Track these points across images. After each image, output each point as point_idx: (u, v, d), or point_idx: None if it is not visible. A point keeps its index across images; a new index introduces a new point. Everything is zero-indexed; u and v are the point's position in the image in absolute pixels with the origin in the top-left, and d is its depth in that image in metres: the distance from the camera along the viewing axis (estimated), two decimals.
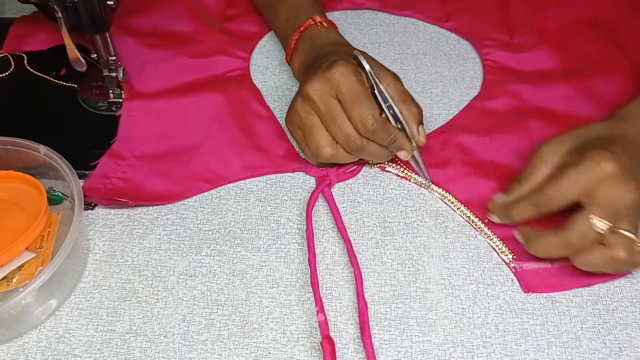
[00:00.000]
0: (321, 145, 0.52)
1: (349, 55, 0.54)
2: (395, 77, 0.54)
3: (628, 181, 0.46)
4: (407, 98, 0.54)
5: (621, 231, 0.45)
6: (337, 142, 0.53)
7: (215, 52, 0.66)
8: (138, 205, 0.54)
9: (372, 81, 0.52)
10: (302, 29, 0.60)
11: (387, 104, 0.52)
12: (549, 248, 0.48)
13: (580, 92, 0.63)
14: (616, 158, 0.46)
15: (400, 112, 0.52)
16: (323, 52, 0.57)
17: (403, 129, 0.53)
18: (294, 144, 0.59)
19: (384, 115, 0.52)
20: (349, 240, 0.51)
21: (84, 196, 0.49)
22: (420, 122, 0.54)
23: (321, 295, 0.48)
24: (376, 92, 0.52)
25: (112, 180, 0.55)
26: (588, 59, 0.66)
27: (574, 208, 0.47)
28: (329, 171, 0.56)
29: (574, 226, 0.46)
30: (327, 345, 0.44)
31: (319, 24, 0.60)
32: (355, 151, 0.52)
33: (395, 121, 0.53)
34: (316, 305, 0.47)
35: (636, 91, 0.59)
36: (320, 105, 0.52)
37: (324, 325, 0.46)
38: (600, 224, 0.45)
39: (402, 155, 0.54)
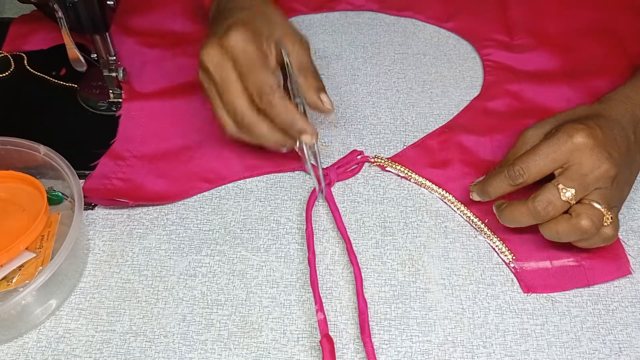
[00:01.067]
0: (223, 123, 0.50)
1: (246, 14, 0.50)
2: (303, 46, 0.51)
3: (599, 153, 0.46)
4: (307, 70, 0.51)
5: (591, 202, 0.46)
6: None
7: None
8: (138, 206, 0.54)
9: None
10: None
11: (298, 99, 0.50)
12: (517, 217, 0.48)
13: (580, 93, 0.63)
14: (588, 131, 0.47)
15: (297, 84, 0.49)
16: (230, 5, 0.53)
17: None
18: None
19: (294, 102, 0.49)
20: (349, 240, 0.51)
21: (84, 196, 0.49)
22: (322, 90, 0.52)
23: (321, 294, 0.48)
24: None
25: (112, 181, 0.55)
26: (588, 59, 0.66)
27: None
28: (329, 170, 0.56)
29: (542, 194, 0.47)
30: (327, 344, 0.44)
31: None
32: (245, 127, 0.49)
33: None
34: (316, 304, 0.47)
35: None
36: (215, 74, 0.49)
37: (323, 324, 0.46)
38: (568, 193, 0.46)
39: (307, 138, 0.51)
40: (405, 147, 0.59)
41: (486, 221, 0.53)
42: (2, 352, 0.46)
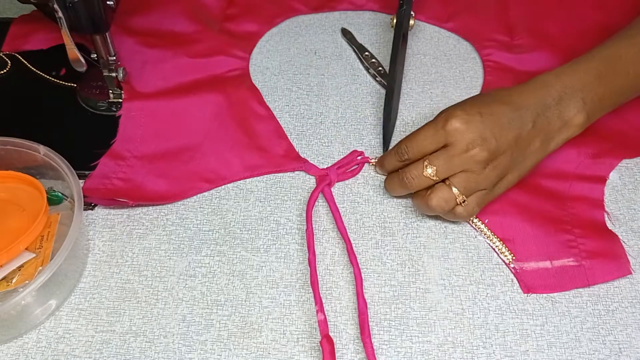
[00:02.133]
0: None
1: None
2: None
3: (471, 138, 0.48)
4: None
5: (449, 185, 0.50)
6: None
7: (215, 52, 0.66)
8: (138, 205, 0.54)
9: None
10: None
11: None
12: (392, 185, 0.54)
13: None
14: (464, 117, 0.49)
15: None
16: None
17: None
18: (294, 144, 0.59)
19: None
20: (349, 240, 0.51)
21: (84, 197, 0.49)
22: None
23: (321, 295, 0.48)
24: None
25: (112, 181, 0.55)
26: None
27: None
28: (329, 170, 0.56)
29: (410, 168, 0.51)
30: (327, 344, 0.44)
31: None
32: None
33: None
34: (316, 304, 0.47)
35: None
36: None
37: (323, 325, 0.46)
38: (429, 170, 0.50)
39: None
40: None
41: (486, 221, 0.53)
42: (2, 352, 0.46)
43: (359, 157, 0.58)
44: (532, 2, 0.71)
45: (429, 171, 0.50)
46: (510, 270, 0.50)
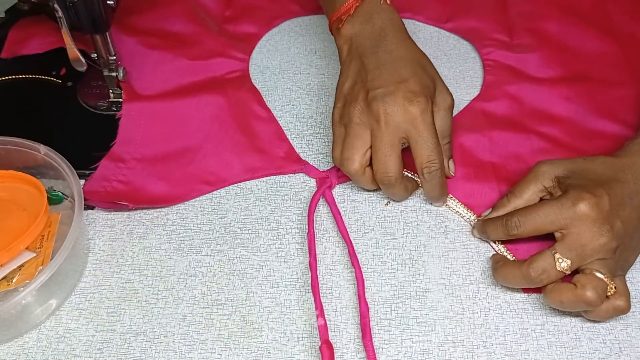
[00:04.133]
0: (352, 159, 0.51)
1: (421, 74, 0.52)
2: (448, 107, 0.53)
3: (601, 225, 0.45)
4: (446, 137, 0.54)
5: (593, 272, 0.45)
6: (369, 166, 0.52)
7: (215, 53, 0.66)
8: (138, 208, 0.54)
9: None
10: None
11: None
12: (509, 278, 0.48)
13: (579, 94, 0.63)
14: (594, 200, 0.45)
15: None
16: (388, 45, 0.53)
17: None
18: (294, 144, 0.59)
19: None
20: (351, 243, 0.51)
21: (84, 199, 0.49)
22: (451, 156, 0.55)
23: (322, 295, 0.48)
24: None
25: (112, 183, 0.55)
26: (588, 59, 0.66)
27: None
28: (330, 173, 0.56)
29: (537, 261, 0.46)
30: (326, 350, 0.44)
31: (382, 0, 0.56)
32: (385, 185, 0.51)
33: None
34: (316, 309, 0.47)
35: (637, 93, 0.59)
36: (384, 129, 0.50)
37: (323, 330, 0.46)
38: (564, 264, 0.45)
39: (438, 205, 0.55)
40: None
41: None
42: (2, 352, 0.46)
43: None
44: (532, 1, 0.72)
45: (563, 265, 0.45)
46: None
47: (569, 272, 0.46)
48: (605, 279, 0.45)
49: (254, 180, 0.57)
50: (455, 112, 0.62)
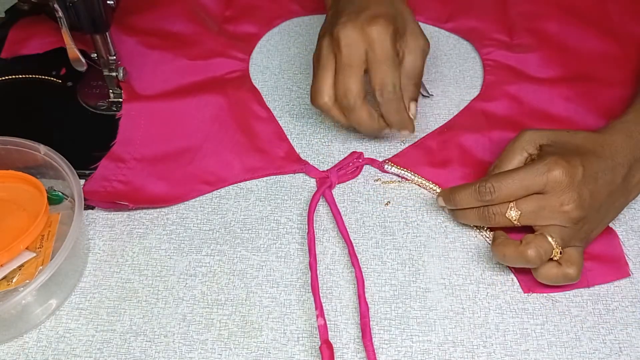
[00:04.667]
0: (320, 90, 0.52)
1: (388, 7, 0.53)
2: (422, 52, 0.54)
3: (570, 192, 0.46)
4: (415, 78, 0.54)
5: (544, 234, 0.46)
6: (334, 94, 0.53)
7: (214, 53, 0.66)
8: (138, 208, 0.54)
9: None
10: None
11: None
12: (468, 214, 0.50)
13: (579, 94, 0.63)
14: (569, 169, 0.46)
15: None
16: None
17: None
18: (294, 144, 0.59)
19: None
20: (351, 243, 0.51)
21: (85, 199, 0.49)
22: (415, 99, 0.56)
23: (321, 295, 0.48)
24: None
25: (112, 183, 0.55)
26: (588, 59, 0.66)
27: None
28: (330, 173, 0.56)
29: (495, 206, 0.48)
30: (326, 350, 0.44)
31: None
32: (346, 109, 0.52)
33: None
34: (316, 309, 0.47)
35: (634, 93, 0.59)
36: (344, 52, 0.51)
37: (323, 330, 0.46)
38: (513, 212, 0.47)
39: (405, 134, 0.55)
40: (405, 147, 0.59)
41: None
42: (2, 352, 0.46)
43: (360, 160, 0.58)
44: (531, 1, 0.72)
45: (512, 214, 0.47)
46: (511, 270, 0.50)
47: (517, 224, 0.48)
48: (553, 243, 0.46)
49: (254, 180, 0.57)
50: (455, 112, 0.62)
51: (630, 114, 0.52)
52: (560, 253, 0.47)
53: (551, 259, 0.47)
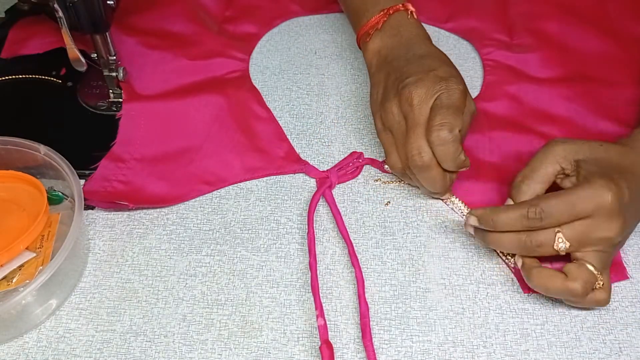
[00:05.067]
0: (421, 151, 0.49)
1: (453, 68, 0.53)
2: (470, 112, 0.52)
3: (617, 218, 0.44)
4: (463, 137, 0.52)
5: (587, 265, 0.45)
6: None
7: (214, 54, 0.66)
8: (139, 208, 0.54)
9: None
10: (391, 11, 0.57)
11: None
12: (507, 244, 0.47)
13: (579, 94, 0.63)
14: (619, 193, 0.44)
15: None
16: (417, 50, 0.55)
17: None
18: (294, 144, 0.59)
19: None
20: (351, 243, 0.51)
21: (85, 199, 0.49)
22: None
23: (321, 295, 0.48)
24: None
25: (112, 183, 0.55)
26: (588, 59, 0.66)
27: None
28: (330, 173, 0.56)
29: (538, 234, 0.45)
30: (326, 350, 0.44)
31: (409, 12, 0.57)
32: (420, 167, 0.50)
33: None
34: (316, 309, 0.47)
35: (637, 93, 0.59)
36: (416, 111, 0.50)
37: (323, 330, 0.46)
38: (562, 245, 0.45)
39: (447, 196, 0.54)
40: None
41: None
42: (2, 352, 0.46)
43: (360, 160, 0.58)
44: (531, 1, 0.72)
45: (562, 247, 0.45)
46: (511, 270, 0.50)
47: (563, 254, 0.46)
48: (597, 273, 0.45)
49: (254, 180, 0.57)
50: None
51: None
52: (602, 282, 0.45)
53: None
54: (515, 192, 0.49)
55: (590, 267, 0.45)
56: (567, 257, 0.47)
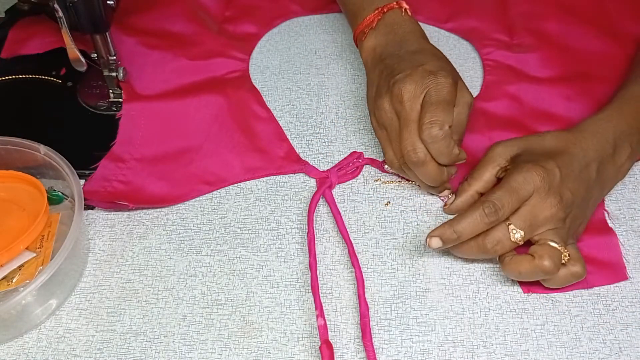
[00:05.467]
0: (415, 148, 0.50)
1: (444, 62, 0.54)
2: (467, 104, 0.53)
3: (552, 197, 0.47)
4: (462, 130, 0.53)
5: (548, 242, 0.47)
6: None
7: (214, 54, 0.66)
8: (139, 208, 0.54)
9: None
10: (385, 10, 0.58)
11: None
12: (467, 250, 0.49)
13: (579, 93, 0.63)
14: (545, 175, 0.47)
15: None
16: (409, 47, 0.55)
17: None
18: (294, 144, 0.59)
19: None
20: (351, 243, 0.51)
21: (84, 199, 0.49)
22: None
23: (321, 295, 0.48)
24: None
25: (113, 184, 0.55)
26: (588, 59, 0.66)
27: None
28: (330, 173, 0.56)
29: (493, 233, 0.47)
30: (326, 350, 0.44)
31: (403, 10, 0.58)
32: (416, 163, 0.51)
33: None
34: (316, 309, 0.47)
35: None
36: (407, 107, 0.50)
37: (323, 330, 0.46)
38: (517, 235, 0.47)
39: (447, 194, 0.54)
40: None
41: None
42: (2, 352, 0.46)
43: (360, 160, 0.58)
44: (532, 1, 0.71)
45: (517, 236, 0.47)
46: None
47: (522, 243, 0.47)
48: (559, 247, 0.47)
49: (254, 180, 0.57)
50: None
51: (603, 112, 0.54)
52: (568, 255, 0.47)
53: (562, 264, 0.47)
54: (459, 190, 0.53)
55: (552, 243, 0.47)
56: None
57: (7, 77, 0.64)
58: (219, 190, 0.56)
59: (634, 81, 0.56)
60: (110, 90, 0.62)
